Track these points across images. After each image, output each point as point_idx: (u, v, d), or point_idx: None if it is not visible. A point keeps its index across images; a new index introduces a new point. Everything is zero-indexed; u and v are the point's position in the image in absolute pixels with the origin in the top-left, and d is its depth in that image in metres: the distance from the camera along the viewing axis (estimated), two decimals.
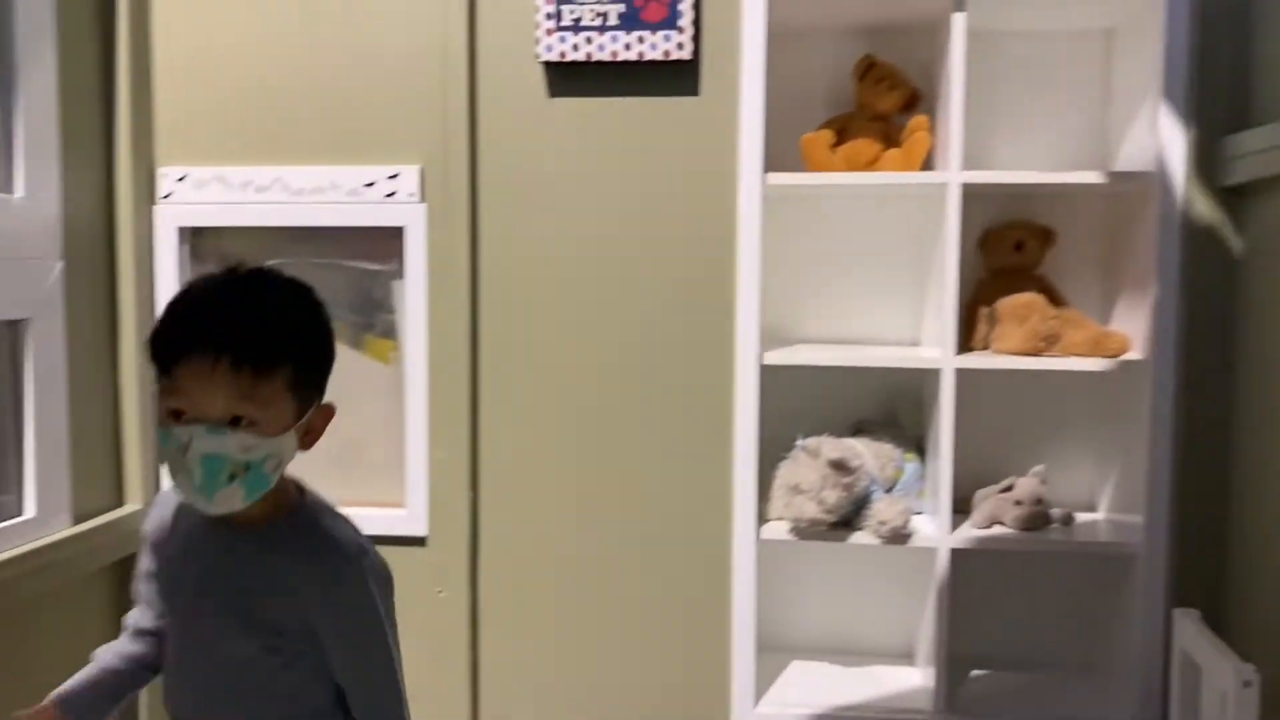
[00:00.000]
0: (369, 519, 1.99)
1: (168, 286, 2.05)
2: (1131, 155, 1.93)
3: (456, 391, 1.99)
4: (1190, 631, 1.61)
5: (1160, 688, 1.85)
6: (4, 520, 1.71)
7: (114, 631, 1.94)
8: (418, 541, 2.03)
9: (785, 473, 1.97)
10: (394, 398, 2.06)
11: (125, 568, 2.01)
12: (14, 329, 1.74)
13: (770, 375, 2.11)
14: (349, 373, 2.08)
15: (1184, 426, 1.87)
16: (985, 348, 2.01)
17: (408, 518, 2.03)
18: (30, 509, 1.76)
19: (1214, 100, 1.79)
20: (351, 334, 2.09)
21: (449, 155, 1.97)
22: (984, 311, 2.02)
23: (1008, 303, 1.95)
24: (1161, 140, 1.81)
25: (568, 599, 2.03)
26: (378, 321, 2.08)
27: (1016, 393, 2.10)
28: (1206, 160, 1.80)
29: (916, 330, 2.12)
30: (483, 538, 2.03)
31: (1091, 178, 1.83)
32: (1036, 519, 1.95)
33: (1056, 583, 2.12)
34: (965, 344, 2.04)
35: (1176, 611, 1.69)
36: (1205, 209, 1.81)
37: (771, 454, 2.05)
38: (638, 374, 2.00)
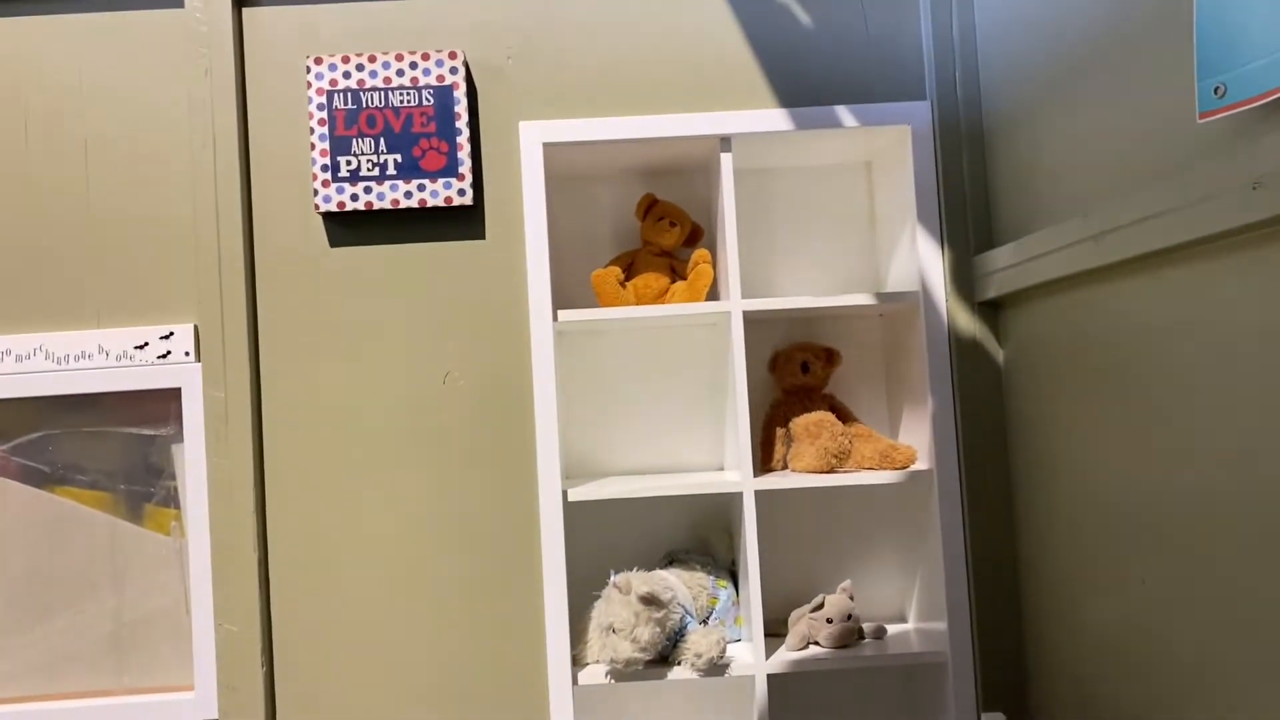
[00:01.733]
0: (151, 709, 1.86)
1: None
2: (898, 276, 2.04)
3: (244, 559, 1.87)
4: None
5: None
6: None
7: None
8: None
9: (598, 612, 1.93)
10: (178, 571, 1.92)
11: None
12: None
13: (578, 511, 2.09)
14: (127, 547, 1.93)
15: (974, 532, 1.94)
16: (784, 467, 2.05)
17: (195, 701, 1.86)
18: None
19: (964, 222, 1.93)
20: (129, 505, 1.95)
21: (225, 310, 1.90)
22: (780, 432, 2.07)
23: (800, 422, 2.00)
24: (922, 261, 1.94)
25: None
26: (157, 489, 1.95)
27: (818, 510, 2.14)
28: (963, 278, 1.93)
29: (720, 455, 2.15)
30: (280, 714, 1.88)
31: (862, 299, 1.93)
32: (848, 635, 1.96)
33: (874, 696, 2.13)
34: (765, 465, 2.08)
35: (984, 716, 1.71)
36: (968, 323, 1.93)
37: (586, 592, 2.01)
38: (440, 523, 1.94)
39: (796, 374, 2.08)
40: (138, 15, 1.95)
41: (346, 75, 1.91)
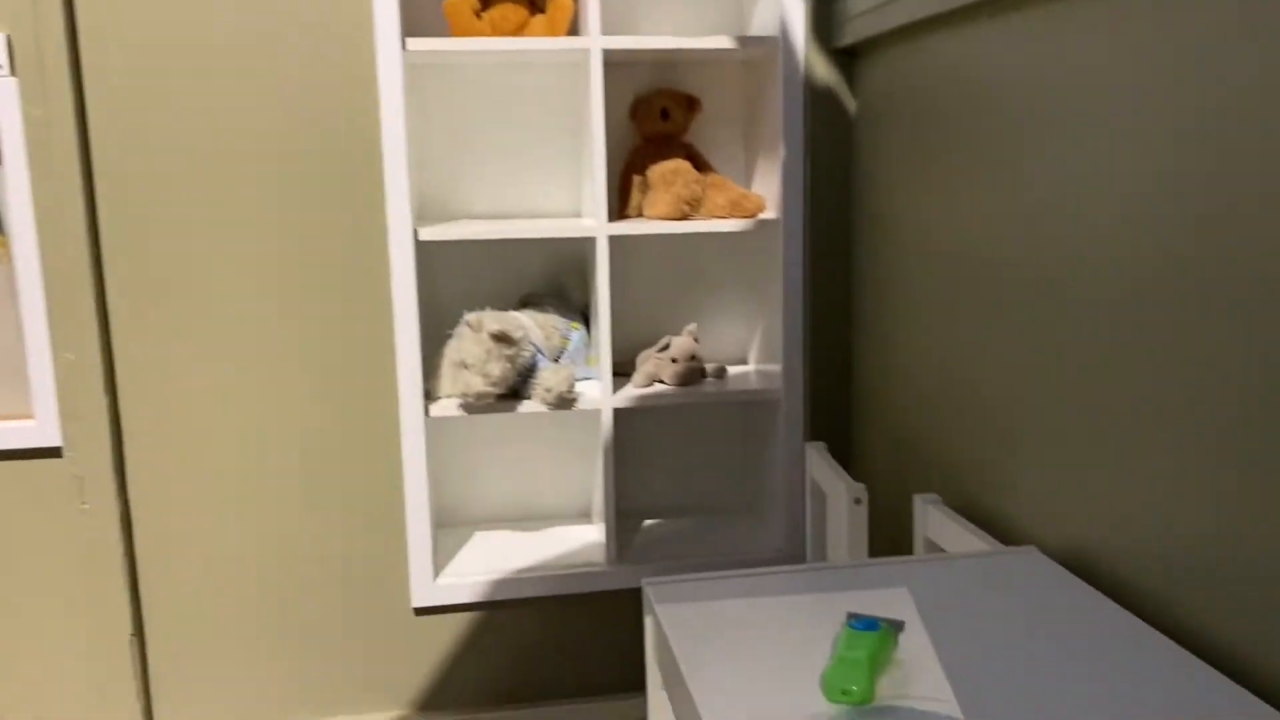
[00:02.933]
0: None
1: None
2: (761, 21, 2.01)
3: (78, 286, 1.81)
4: (818, 461, 1.78)
5: (802, 519, 2.04)
6: None
7: None
8: (52, 453, 1.86)
9: (451, 349, 1.97)
10: (10, 299, 1.85)
11: None
12: None
13: (433, 252, 2.09)
14: None
15: (814, 280, 2.03)
16: (640, 214, 2.08)
17: (37, 429, 1.85)
18: None
19: None
20: None
21: (40, 18, 1.74)
22: (637, 179, 2.08)
23: (656, 169, 2.01)
24: (784, 5, 1.91)
25: (230, 500, 1.94)
26: None
27: (669, 257, 2.19)
28: (823, 23, 1.92)
29: (578, 201, 2.15)
30: (127, 444, 1.89)
31: (724, 43, 1.90)
32: (692, 374, 2.06)
33: (713, 433, 2.27)
34: (622, 212, 2.10)
35: (807, 445, 1.86)
36: (824, 71, 1.93)
37: (441, 332, 2.04)
38: (288, 257, 1.90)
39: (656, 120, 2.07)
40: None
41: None
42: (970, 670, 0.93)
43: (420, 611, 2.02)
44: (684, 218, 1.99)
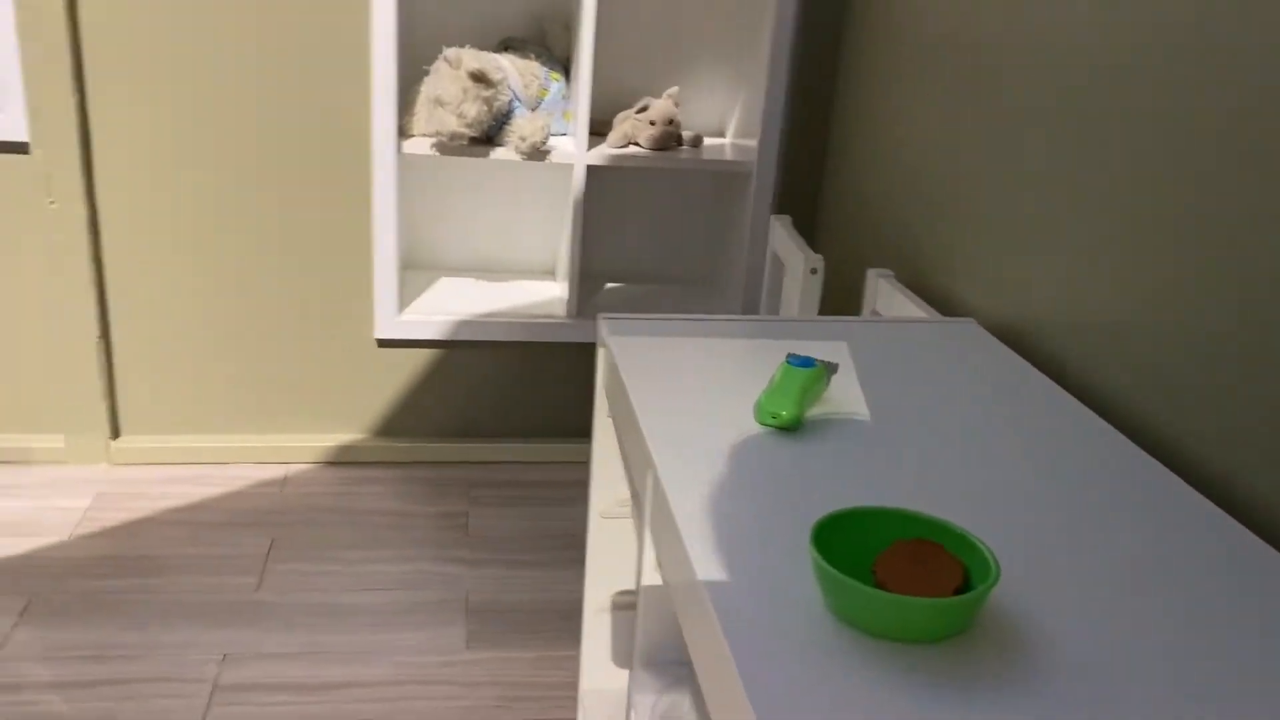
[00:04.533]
0: None
1: None
2: None
3: None
4: (780, 234, 1.81)
5: (759, 291, 2.10)
6: None
7: None
8: (19, 148, 1.85)
9: (428, 86, 1.95)
10: None
11: None
12: None
13: None
14: None
15: (801, 52, 2.01)
16: None
17: (4, 123, 1.82)
18: None
19: None
20: None
21: None
22: None
23: None
24: None
25: (198, 212, 1.95)
26: None
27: (657, 14, 2.14)
28: None
29: None
30: (95, 141, 1.87)
31: None
32: (668, 139, 2.06)
33: (683, 201, 2.29)
34: None
35: (772, 218, 1.89)
36: None
37: (417, 69, 2.00)
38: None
39: None
40: None
41: None
42: (892, 419, 1.00)
43: (383, 344, 2.09)
44: None
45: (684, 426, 0.95)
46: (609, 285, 2.29)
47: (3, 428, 2.02)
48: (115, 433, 2.06)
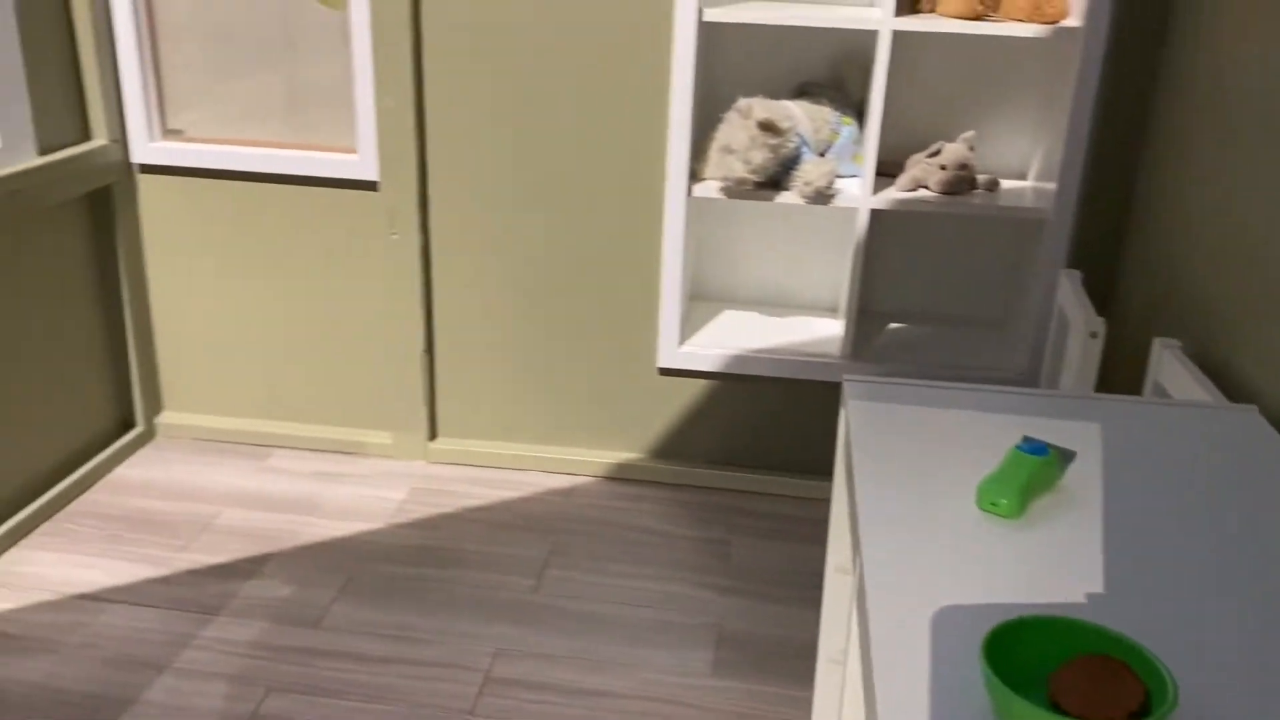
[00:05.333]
0: (321, 163, 2.13)
1: None
2: None
3: (399, 39, 2.02)
4: (1067, 289, 1.74)
5: (1044, 344, 2.02)
6: None
7: (90, 257, 2.14)
8: (370, 186, 2.15)
9: (720, 133, 2.04)
10: (346, 44, 2.10)
11: (94, 199, 2.15)
12: None
13: (715, 34, 2.12)
14: (304, 17, 2.10)
15: (1108, 101, 1.90)
16: (933, 10, 2.00)
17: (359, 163, 2.13)
18: None
19: None
20: None
21: None
22: None
23: None
24: None
25: (511, 241, 2.16)
26: None
27: (957, 58, 2.11)
28: None
29: None
30: (431, 183, 2.14)
31: None
32: (960, 184, 2.03)
33: (974, 245, 2.23)
34: (914, 4, 2.03)
35: (1061, 272, 1.81)
36: None
37: (715, 115, 2.10)
38: (577, 29, 2.01)
39: None
40: None
41: None
42: (1130, 516, 0.96)
43: (664, 372, 2.22)
44: (978, 17, 1.91)
45: (902, 500, 0.97)
46: (891, 325, 2.28)
47: (343, 422, 2.35)
48: (433, 434, 2.33)
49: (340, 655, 1.71)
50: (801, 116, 2.02)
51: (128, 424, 2.34)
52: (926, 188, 2.05)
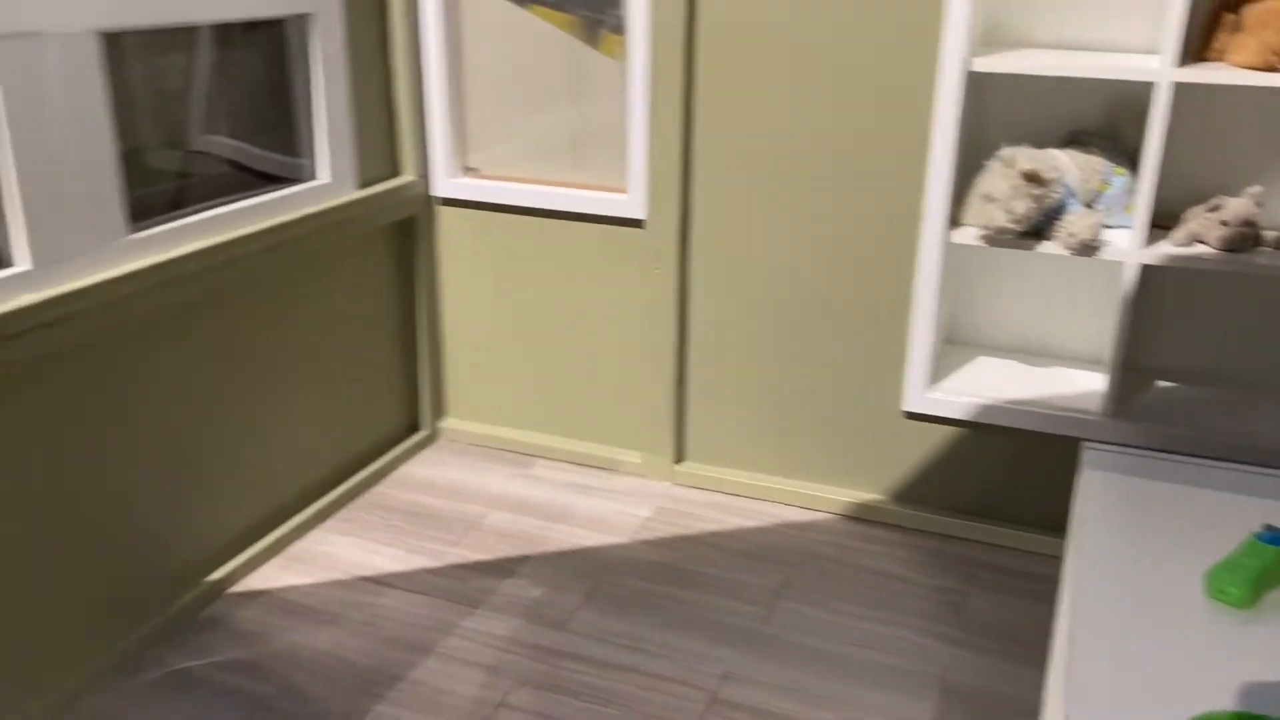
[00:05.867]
0: (595, 202, 2.31)
1: None
2: None
3: (672, 91, 2.16)
4: None
5: None
6: (306, 182, 2.13)
7: (393, 278, 2.41)
8: (637, 224, 2.30)
9: (982, 181, 2.04)
10: (624, 93, 2.26)
11: (400, 227, 2.44)
12: (302, 23, 2.07)
13: (982, 81, 2.11)
14: (584, 67, 2.29)
15: None
16: (1220, 58, 1.90)
17: (629, 202, 2.29)
18: (324, 175, 2.17)
19: None
20: (587, 29, 2.28)
21: None
22: (1228, 17, 1.90)
23: (1252, 10, 1.83)
24: None
25: (764, 279, 2.25)
26: (609, 18, 2.25)
27: (1244, 110, 1.99)
28: None
29: (1156, 34, 2.02)
30: (693, 223, 2.26)
31: None
32: (1243, 241, 1.91)
33: (1257, 302, 2.09)
34: (1200, 53, 1.94)
35: None
36: None
37: (978, 161, 2.10)
38: (844, 75, 2.07)
39: None
40: None
41: None
42: None
43: (910, 416, 2.22)
44: (1270, 69, 1.80)
45: (1125, 575, 0.97)
46: (1160, 383, 2.17)
47: (599, 439, 2.52)
48: (680, 457, 2.46)
49: (580, 658, 1.85)
50: (1069, 166, 1.98)
51: (414, 427, 2.63)
52: (1205, 243, 1.95)
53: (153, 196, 1.85)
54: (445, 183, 2.43)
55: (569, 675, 1.81)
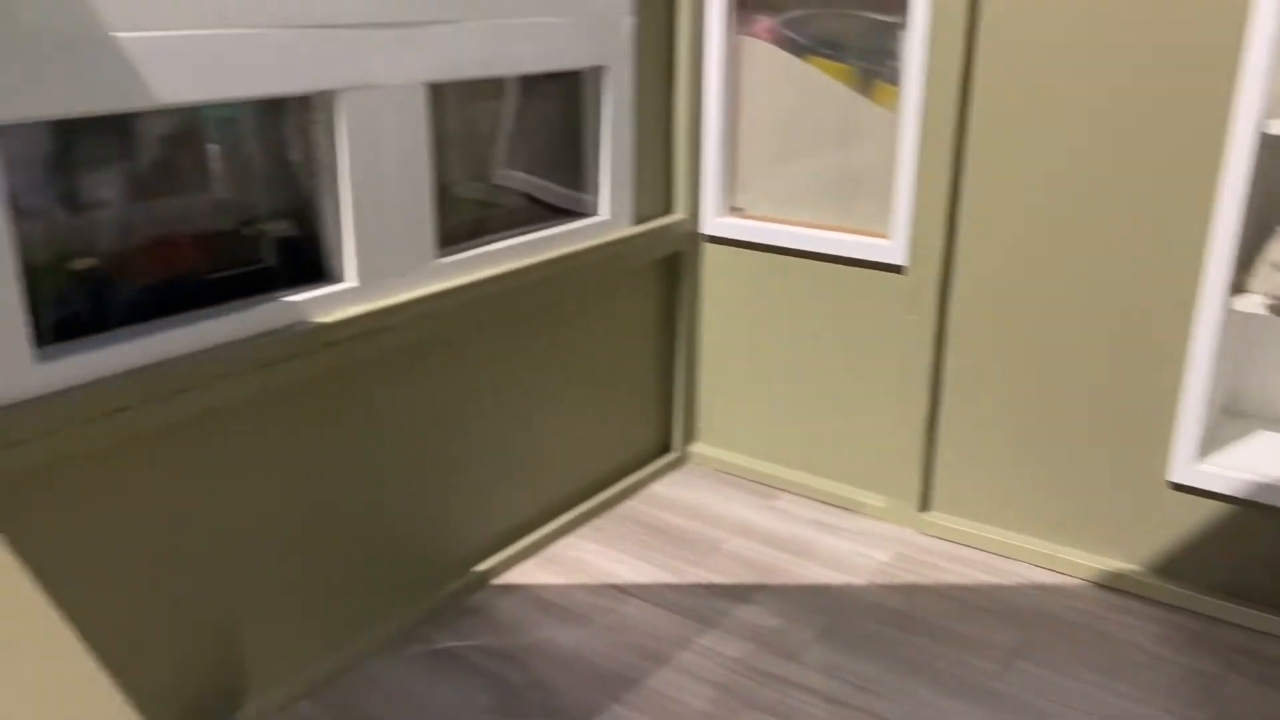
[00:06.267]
0: (856, 246, 2.36)
1: (715, 33, 2.44)
2: None
3: (942, 138, 2.18)
4: None
5: None
6: (588, 218, 2.33)
7: (659, 309, 2.58)
8: (896, 269, 2.34)
9: (1272, 248, 1.93)
10: (893, 142, 2.31)
11: (668, 262, 2.59)
12: (596, 74, 2.27)
13: (1275, 144, 2.00)
14: (857, 115, 2.36)
15: None
16: None
17: (890, 248, 2.32)
18: (605, 212, 2.36)
19: None
20: (861, 78, 2.34)
21: None
22: None
23: None
24: None
25: (1025, 332, 2.22)
26: (885, 69, 2.31)
27: None
28: None
29: None
30: (955, 272, 2.27)
31: None
32: None
33: None
34: None
35: None
36: None
37: (1272, 227, 1.99)
38: (1123, 131, 2.02)
39: None
40: None
41: None
42: None
43: (1176, 487, 2.12)
44: None
45: None
46: None
47: (843, 479, 2.56)
48: (925, 506, 2.45)
49: (810, 690, 1.91)
50: None
51: (666, 448, 2.77)
52: None
53: (458, 225, 2.09)
54: (713, 221, 2.57)
55: (797, 705, 1.87)
